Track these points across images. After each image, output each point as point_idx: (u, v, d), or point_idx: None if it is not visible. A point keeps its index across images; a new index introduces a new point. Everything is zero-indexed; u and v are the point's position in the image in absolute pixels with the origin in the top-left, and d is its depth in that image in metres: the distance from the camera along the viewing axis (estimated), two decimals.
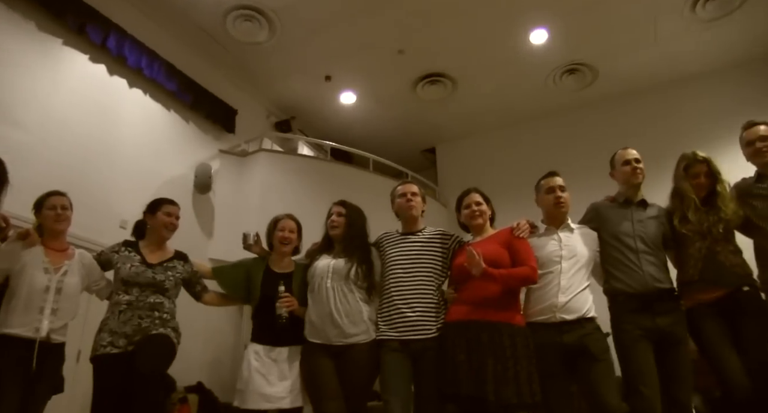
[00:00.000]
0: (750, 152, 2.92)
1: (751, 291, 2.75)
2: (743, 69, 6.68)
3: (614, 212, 3.04)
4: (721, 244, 2.80)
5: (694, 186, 2.89)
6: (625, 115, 7.18)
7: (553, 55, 6.62)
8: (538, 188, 3.07)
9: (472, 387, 2.50)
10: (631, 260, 2.87)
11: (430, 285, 2.89)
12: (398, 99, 7.53)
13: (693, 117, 6.64)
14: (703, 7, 5.93)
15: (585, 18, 6.08)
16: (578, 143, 7.19)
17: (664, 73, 7.04)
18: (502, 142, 8.06)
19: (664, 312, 2.78)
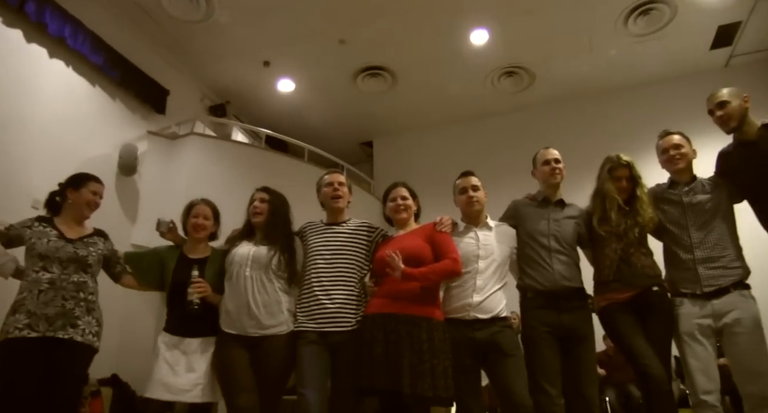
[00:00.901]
0: (664, 159, 3.01)
1: (659, 291, 2.85)
2: (668, 83, 7.04)
3: (532, 211, 3.09)
4: (635, 246, 2.88)
5: (617, 188, 2.96)
6: (559, 119, 7.42)
7: (493, 56, 6.73)
8: (454, 188, 3.09)
9: (388, 381, 2.48)
10: (543, 257, 2.92)
11: (351, 277, 2.85)
12: (338, 90, 7.46)
13: (621, 124, 6.93)
14: (635, 23, 6.27)
15: (525, 22, 6.20)
16: (514, 144, 7.30)
17: (597, 82, 7.32)
18: (440, 139, 8.14)
19: (569, 310, 2.84)
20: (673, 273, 2.87)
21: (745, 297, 2.70)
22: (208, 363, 2.83)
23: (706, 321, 2.69)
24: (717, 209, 2.83)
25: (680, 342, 2.76)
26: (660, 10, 6.12)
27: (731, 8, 6.24)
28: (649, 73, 7.18)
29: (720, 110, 2.82)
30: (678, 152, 2.94)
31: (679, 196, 2.92)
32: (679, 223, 2.87)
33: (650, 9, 6.09)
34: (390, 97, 7.56)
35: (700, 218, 2.83)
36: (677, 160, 2.94)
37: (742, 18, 6.43)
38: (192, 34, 6.41)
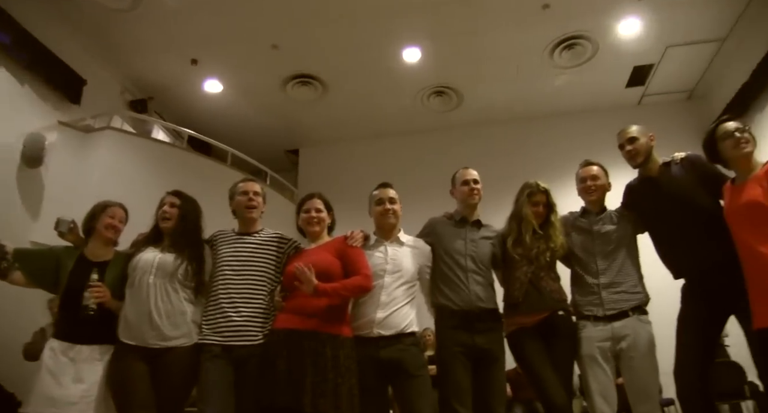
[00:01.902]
0: (580, 188, 3.15)
1: (564, 315, 2.96)
2: (587, 115, 7.40)
3: (449, 230, 3.12)
4: (544, 270, 2.98)
5: (533, 213, 3.05)
6: (483, 141, 7.64)
7: (424, 75, 6.84)
8: (371, 198, 3.07)
9: (290, 398, 2.41)
10: (459, 277, 2.95)
11: (260, 290, 2.77)
12: (267, 95, 7.32)
13: (540, 151, 7.19)
14: (560, 55, 6.59)
15: (457, 44, 6.35)
16: (438, 162, 7.36)
17: (522, 108, 7.60)
18: (367, 153, 8.14)
19: (483, 331, 2.88)
20: (579, 297, 2.99)
21: (642, 322, 2.85)
22: (101, 374, 2.63)
23: (606, 343, 2.83)
24: (622, 239, 2.98)
25: (582, 364, 2.88)
26: (583, 46, 6.46)
27: (646, 51, 6.68)
28: (570, 104, 7.54)
29: (630, 145, 2.98)
30: (594, 184, 3.08)
31: (589, 225, 3.06)
32: (587, 250, 3.01)
33: (574, 44, 6.41)
34: (319, 107, 7.51)
35: (606, 247, 2.97)
36: (592, 191, 3.08)
37: (655, 61, 6.89)
38: (116, 22, 6.10)
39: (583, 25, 6.17)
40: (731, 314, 2.63)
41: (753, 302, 2.34)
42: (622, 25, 6.23)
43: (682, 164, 2.90)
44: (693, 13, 6.15)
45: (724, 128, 2.56)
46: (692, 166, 2.85)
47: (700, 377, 2.62)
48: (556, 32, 6.24)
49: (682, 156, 2.93)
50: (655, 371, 2.83)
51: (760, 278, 2.30)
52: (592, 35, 6.33)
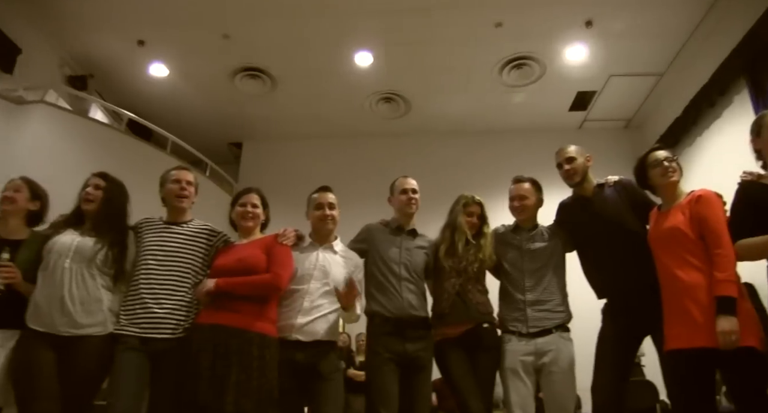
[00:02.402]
0: (510, 206, 3.21)
1: (489, 328, 3.01)
2: (530, 134, 7.60)
3: (385, 237, 3.14)
4: (472, 282, 3.03)
5: (467, 223, 3.09)
6: (427, 151, 7.73)
7: (374, 79, 6.86)
8: (309, 201, 3.03)
9: (211, 396, 2.34)
10: (392, 285, 2.97)
11: (184, 282, 2.67)
12: (214, 85, 7.16)
13: (482, 165, 7.32)
14: (509, 74, 6.76)
15: (409, 53, 6.40)
16: (381, 168, 7.37)
17: (467, 122, 7.75)
18: (311, 152, 8.07)
19: (414, 339, 2.90)
20: (505, 312, 3.04)
21: (564, 339, 2.92)
22: (2, 361, 2.45)
23: (529, 358, 2.88)
24: (551, 257, 3.05)
25: (504, 376, 2.93)
26: (531, 67, 6.65)
27: (590, 78, 6.94)
28: (515, 122, 7.75)
29: (568, 164, 3.06)
30: (522, 204, 3.14)
31: (519, 241, 3.11)
32: (516, 266, 3.06)
33: (523, 64, 6.59)
34: (267, 102, 7.40)
35: (535, 264, 3.03)
36: (520, 211, 3.15)
37: (598, 88, 7.17)
38: None
39: (533, 46, 6.35)
40: (648, 334, 2.72)
41: (666, 325, 2.44)
42: (570, 51, 6.45)
43: (614, 186, 3.01)
44: (636, 47, 6.43)
45: (654, 157, 2.67)
46: (624, 189, 2.96)
47: (616, 394, 2.71)
48: (506, 51, 6.40)
49: (615, 179, 3.03)
50: (573, 387, 2.91)
51: (675, 302, 2.40)
52: (540, 57, 6.52)
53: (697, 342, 2.26)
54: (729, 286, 2.23)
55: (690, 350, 2.29)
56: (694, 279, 2.33)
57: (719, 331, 2.17)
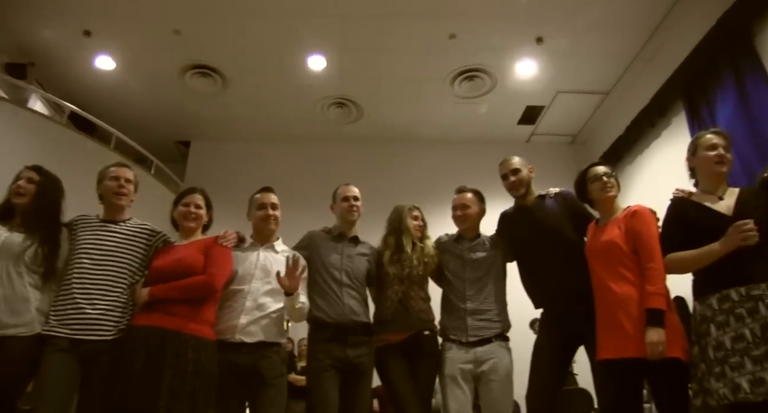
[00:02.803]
0: (453, 215, 3.26)
1: (430, 335, 3.05)
2: (479, 146, 7.70)
3: (327, 244, 3.15)
4: (414, 289, 3.07)
5: (414, 227, 3.15)
6: (377, 158, 7.78)
7: (326, 84, 6.83)
8: (252, 201, 3.02)
9: (143, 401, 2.27)
10: (334, 290, 2.98)
11: (120, 282, 2.59)
12: (163, 81, 6.98)
13: (431, 175, 7.36)
14: (460, 85, 6.87)
15: (362, 59, 6.41)
16: (331, 174, 7.34)
17: (418, 131, 7.83)
18: (260, 154, 7.96)
19: (355, 345, 2.91)
20: (446, 320, 3.08)
21: (502, 348, 2.97)
22: None
23: (468, 366, 2.92)
24: (492, 267, 3.11)
25: (443, 383, 2.96)
26: (483, 80, 6.77)
27: (539, 93, 7.12)
28: (464, 133, 7.88)
29: (514, 176, 3.13)
30: (464, 213, 3.20)
31: (461, 251, 3.16)
32: (457, 275, 3.11)
33: (475, 76, 6.70)
34: (217, 101, 7.27)
35: (476, 273, 3.08)
36: (462, 220, 3.20)
37: (546, 103, 7.37)
38: None
39: (485, 59, 6.47)
40: (581, 344, 2.80)
41: (599, 335, 2.51)
42: (520, 66, 6.60)
43: (555, 198, 3.09)
44: (584, 66, 6.64)
45: (594, 171, 2.76)
46: (564, 201, 3.04)
47: (549, 401, 2.78)
48: (458, 62, 6.50)
49: (556, 191, 3.12)
50: (510, 395, 2.97)
51: (608, 314, 2.48)
52: (491, 71, 6.65)
53: (627, 352, 2.34)
54: (658, 299, 2.32)
55: (620, 360, 2.37)
56: (627, 292, 2.42)
57: (647, 342, 2.26)
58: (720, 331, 2.17)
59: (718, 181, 2.46)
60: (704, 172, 2.50)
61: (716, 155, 2.44)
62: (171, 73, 6.79)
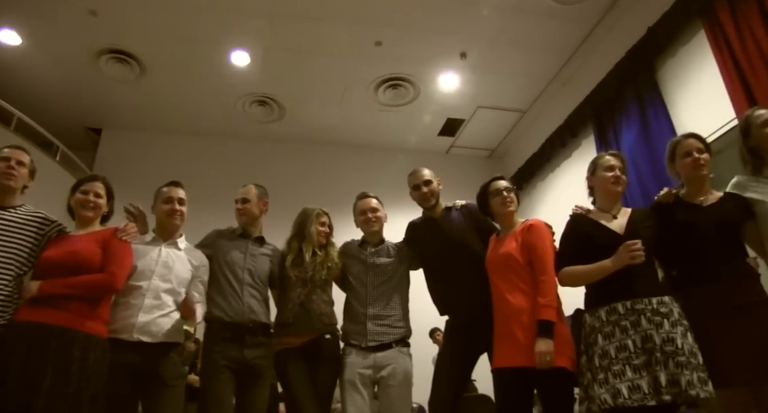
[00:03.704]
0: (363, 219, 3.27)
1: (331, 339, 3.04)
2: (399, 153, 7.79)
3: (230, 242, 3.11)
4: (317, 293, 3.06)
5: (318, 233, 3.15)
6: (295, 159, 7.75)
7: (249, 81, 6.68)
8: (157, 194, 2.94)
9: (20, 401, 2.11)
10: (234, 289, 2.93)
11: (5, 273, 2.40)
12: (75, 63, 6.58)
13: (348, 178, 7.30)
14: (384, 92, 6.93)
15: (287, 59, 6.33)
16: (247, 172, 7.18)
17: (340, 134, 7.84)
18: (175, 148, 7.67)
19: (253, 346, 2.86)
20: (347, 324, 3.10)
21: (403, 354, 3.01)
22: None
23: (368, 371, 2.94)
24: (395, 273, 3.15)
25: (343, 388, 2.96)
26: (406, 89, 6.86)
27: (460, 107, 7.31)
28: (385, 140, 7.96)
29: (426, 187, 3.18)
30: (374, 215, 3.23)
31: (365, 255, 3.19)
32: (360, 279, 3.13)
33: (399, 85, 6.78)
34: (133, 89, 6.94)
35: (378, 279, 3.11)
36: (373, 222, 3.23)
37: (466, 117, 7.57)
38: None
39: (410, 69, 6.56)
40: (485, 352, 2.87)
41: (495, 344, 2.60)
42: (443, 79, 6.74)
43: (461, 210, 3.17)
44: (503, 83, 6.88)
45: (495, 186, 2.86)
46: (470, 213, 3.13)
47: (451, 408, 2.82)
48: (383, 70, 6.55)
49: (462, 203, 3.20)
50: (409, 401, 3.01)
51: (503, 323, 2.57)
52: (415, 81, 6.75)
53: (519, 361, 2.43)
54: (549, 311, 2.43)
55: (513, 368, 2.46)
56: (521, 303, 2.52)
57: (536, 352, 2.36)
58: (606, 341, 2.29)
59: (613, 200, 2.60)
60: (601, 191, 2.64)
61: (613, 176, 2.58)
62: (84, 56, 6.41)
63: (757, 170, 2.49)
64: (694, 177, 2.52)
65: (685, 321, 2.28)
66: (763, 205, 2.39)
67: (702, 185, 2.54)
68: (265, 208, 3.24)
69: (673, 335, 2.21)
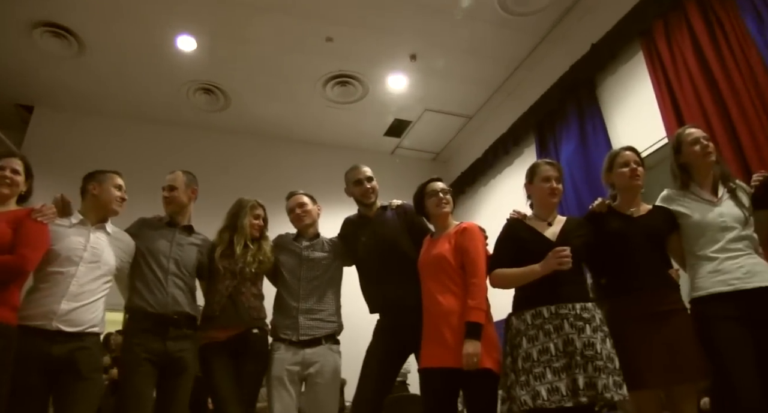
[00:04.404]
0: (294, 215, 3.27)
1: (259, 334, 2.99)
2: (343, 151, 7.70)
3: (157, 230, 3.02)
4: (247, 286, 3.01)
5: (251, 226, 3.10)
6: (239, 151, 7.53)
7: (195, 67, 6.44)
8: (103, 178, 2.84)
9: None
10: (159, 279, 2.84)
11: None
12: (5, 33, 6.18)
13: (289, 173, 7.24)
14: (332, 89, 6.86)
15: (235, 48, 6.15)
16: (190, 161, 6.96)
17: (284, 129, 7.69)
18: (112, 131, 7.29)
19: (176, 338, 2.78)
20: (278, 318, 3.06)
21: (332, 351, 3.01)
22: None
23: (296, 367, 2.92)
24: (329, 269, 3.14)
25: (270, 384, 2.92)
26: (355, 87, 6.81)
27: (407, 108, 7.32)
28: (331, 137, 7.87)
29: (369, 183, 3.18)
30: (303, 210, 3.23)
31: (300, 249, 3.17)
32: (294, 273, 3.10)
33: (347, 82, 6.73)
34: (69, 67, 6.59)
35: (312, 273, 3.10)
36: (303, 217, 3.23)
37: (413, 119, 7.60)
38: None
39: (359, 67, 6.53)
40: (412, 352, 2.88)
41: (423, 345, 2.62)
42: (392, 79, 6.75)
43: (396, 210, 3.18)
44: (452, 88, 6.95)
45: (432, 187, 2.88)
46: (404, 213, 3.14)
47: (375, 407, 2.81)
48: (332, 66, 6.48)
49: (398, 203, 3.21)
50: (336, 398, 3.00)
51: (433, 324, 2.59)
52: (364, 79, 6.72)
53: (446, 362, 2.46)
54: (478, 313, 2.46)
55: (440, 369, 2.48)
56: (451, 305, 2.54)
57: (464, 353, 2.39)
58: (530, 344, 2.35)
59: (549, 209, 2.67)
60: (537, 200, 2.71)
61: (549, 187, 2.65)
62: (16, 27, 6.03)
63: (685, 185, 2.61)
64: (630, 187, 2.63)
65: (605, 327, 2.37)
66: (688, 218, 2.52)
67: (635, 197, 2.65)
68: (193, 196, 3.15)
69: (593, 340, 2.29)
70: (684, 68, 4.33)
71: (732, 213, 2.46)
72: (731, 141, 3.81)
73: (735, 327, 2.28)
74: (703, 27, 4.22)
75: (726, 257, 2.39)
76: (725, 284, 2.35)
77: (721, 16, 4.11)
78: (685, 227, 2.53)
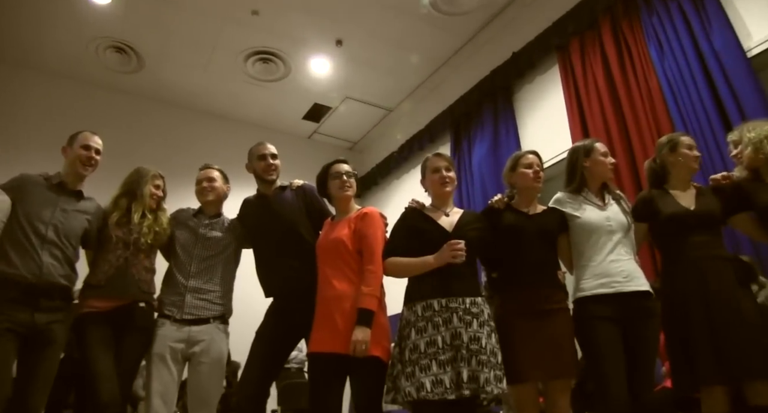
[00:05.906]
0: (197, 190, 3.16)
1: (145, 308, 2.85)
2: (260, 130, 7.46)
3: (41, 192, 2.77)
4: (139, 258, 2.87)
5: (151, 195, 2.97)
6: (148, 118, 7.14)
7: (108, 23, 5.99)
8: None
9: None
10: (34, 246, 2.62)
11: None
12: None
13: (198, 147, 6.98)
14: (253, 65, 6.66)
15: (154, 8, 5.79)
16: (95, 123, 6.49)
17: (199, 100, 7.39)
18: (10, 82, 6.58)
19: (48, 310, 2.59)
20: (165, 294, 2.94)
21: (219, 331, 2.90)
22: None
23: (180, 345, 2.80)
24: (225, 249, 3.04)
25: (149, 361, 2.79)
26: (277, 65, 6.65)
27: (328, 93, 7.25)
28: (248, 114, 7.66)
29: (273, 160, 3.10)
30: (210, 185, 3.11)
31: (197, 225, 3.05)
32: (187, 250, 2.98)
33: (269, 60, 6.56)
34: None
35: (207, 252, 2.99)
36: (207, 192, 3.11)
37: (333, 105, 7.53)
38: None
39: (283, 46, 6.38)
40: (302, 337, 2.84)
41: (314, 328, 2.58)
42: (315, 62, 6.65)
43: (296, 191, 3.11)
44: (375, 78, 6.95)
45: (336, 169, 2.83)
46: (304, 195, 3.07)
47: (260, 390, 2.75)
48: (256, 41, 6.30)
49: (299, 184, 3.14)
50: (220, 380, 2.90)
51: (325, 308, 2.55)
52: (287, 59, 6.58)
53: (335, 347, 2.43)
54: (371, 300, 2.45)
55: (328, 354, 2.45)
56: (345, 289, 2.52)
57: (353, 340, 2.37)
58: (418, 335, 2.37)
59: (445, 198, 2.72)
60: (432, 191, 2.76)
61: (439, 177, 2.70)
62: None
63: (579, 189, 2.75)
64: (530, 188, 2.74)
65: (492, 323, 2.44)
66: (576, 219, 2.67)
67: (533, 198, 2.77)
68: None
69: (479, 334, 2.34)
70: (593, 84, 4.59)
71: (618, 218, 2.65)
72: (627, 153, 4.21)
73: (611, 327, 2.46)
74: (614, 49, 4.50)
75: (610, 261, 2.56)
76: (607, 286, 2.51)
77: (629, 41, 4.39)
78: (575, 228, 2.68)
